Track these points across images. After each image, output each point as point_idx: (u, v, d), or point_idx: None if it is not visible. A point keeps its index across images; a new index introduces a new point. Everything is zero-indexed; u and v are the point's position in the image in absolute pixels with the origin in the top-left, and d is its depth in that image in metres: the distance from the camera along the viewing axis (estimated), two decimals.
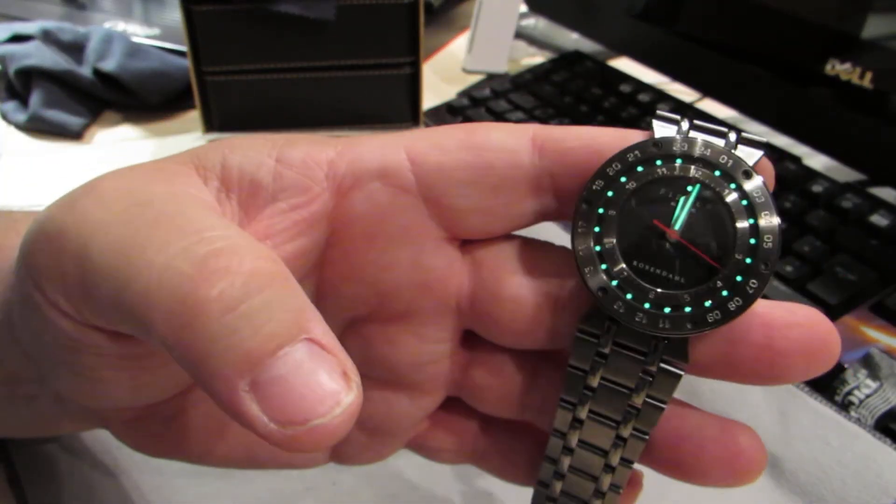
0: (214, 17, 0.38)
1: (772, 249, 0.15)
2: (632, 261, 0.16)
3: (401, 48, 0.40)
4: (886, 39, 0.41)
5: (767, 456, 0.17)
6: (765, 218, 0.15)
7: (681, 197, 0.16)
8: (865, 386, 0.31)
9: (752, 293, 0.15)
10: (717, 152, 0.16)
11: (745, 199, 0.15)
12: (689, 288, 0.15)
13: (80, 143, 0.55)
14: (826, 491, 0.27)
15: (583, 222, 0.16)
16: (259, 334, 0.13)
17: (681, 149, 0.16)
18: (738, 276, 0.15)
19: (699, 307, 0.15)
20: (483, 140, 0.17)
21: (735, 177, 0.15)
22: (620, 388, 0.17)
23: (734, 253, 0.15)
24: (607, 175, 0.16)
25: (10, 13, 0.69)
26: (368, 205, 0.17)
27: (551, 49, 0.74)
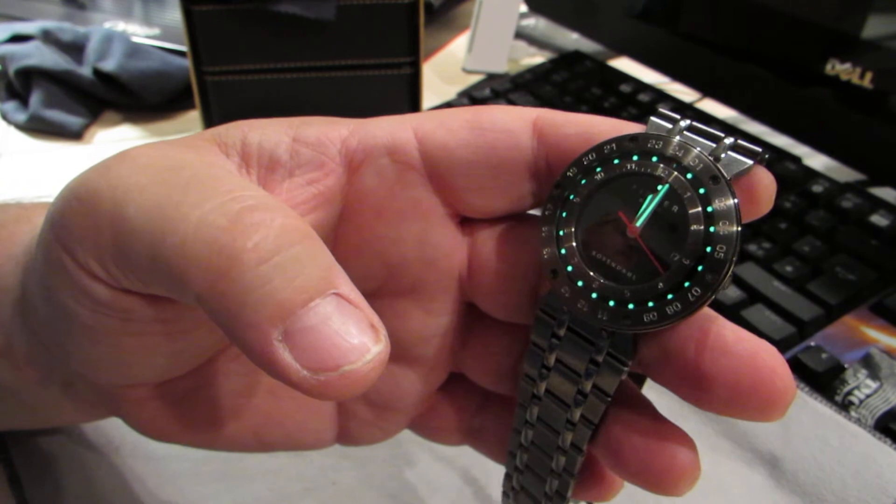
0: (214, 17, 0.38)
1: (723, 260, 0.15)
2: (590, 250, 0.16)
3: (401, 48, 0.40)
4: (886, 39, 0.41)
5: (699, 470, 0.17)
6: (723, 227, 0.15)
7: (648, 195, 0.16)
8: (865, 386, 0.31)
9: (692, 300, 0.15)
10: (691, 156, 0.15)
11: (707, 204, 0.15)
12: (635, 284, 0.15)
13: (80, 143, 0.55)
14: (826, 491, 0.27)
15: (551, 206, 0.17)
16: (291, 285, 0.13)
17: (656, 147, 0.16)
18: (684, 281, 0.15)
19: (640, 305, 0.15)
20: (487, 121, 0.17)
21: (703, 182, 0.15)
22: (571, 372, 0.17)
23: (684, 257, 0.15)
24: (582, 164, 0.16)
25: (10, 13, 0.69)
26: (378, 180, 0.18)
27: (551, 49, 0.74)
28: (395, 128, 0.18)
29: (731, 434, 0.29)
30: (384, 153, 0.18)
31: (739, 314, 0.35)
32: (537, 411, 0.18)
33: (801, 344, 0.34)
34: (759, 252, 0.39)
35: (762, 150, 0.16)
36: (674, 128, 0.16)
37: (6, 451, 0.26)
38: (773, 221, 0.41)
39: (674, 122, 0.16)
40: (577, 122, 0.17)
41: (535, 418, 0.18)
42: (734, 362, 0.15)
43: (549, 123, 0.17)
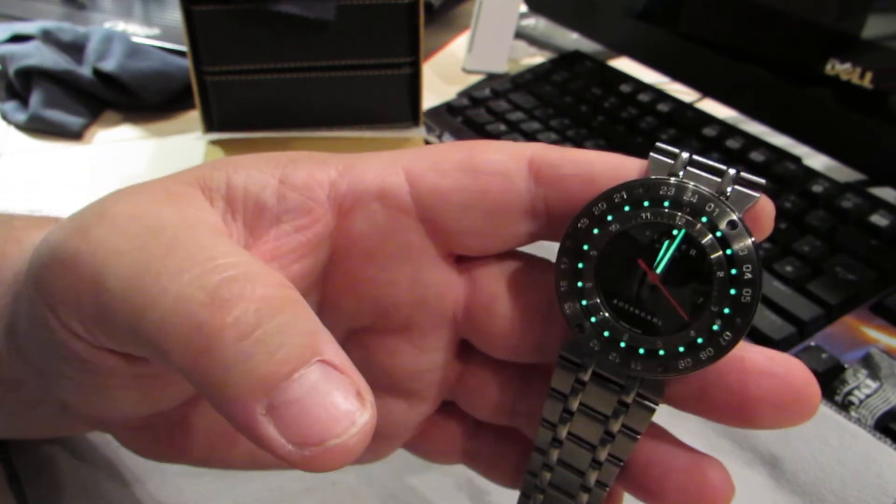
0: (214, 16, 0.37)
1: (750, 303, 0.15)
2: (612, 299, 0.16)
3: (401, 48, 0.40)
4: (886, 39, 0.41)
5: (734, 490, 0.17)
6: (745, 269, 0.15)
7: (665, 241, 0.16)
8: (865, 386, 0.31)
9: (724, 345, 0.15)
10: (703, 199, 0.15)
11: (727, 247, 0.15)
12: (665, 331, 0.16)
13: (80, 143, 0.55)
14: (826, 491, 0.27)
15: (566, 259, 0.17)
16: (273, 359, 0.13)
17: (668, 192, 0.16)
18: (713, 325, 0.15)
19: (672, 352, 0.15)
20: (480, 163, 0.17)
21: (720, 226, 0.15)
22: (597, 414, 0.17)
23: (711, 302, 0.15)
24: (593, 214, 0.16)
25: (10, 13, 0.69)
26: (368, 225, 0.17)
27: (551, 49, 0.74)
28: (385, 170, 0.17)
29: (732, 434, 0.29)
30: (374, 198, 0.17)
31: None
32: (557, 454, 0.18)
33: (801, 344, 0.34)
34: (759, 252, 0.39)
35: (765, 180, 0.16)
36: (676, 163, 0.16)
37: (6, 450, 0.26)
38: None
39: (675, 157, 0.16)
40: (575, 161, 0.17)
41: (554, 461, 0.18)
42: (776, 383, 0.15)
43: (545, 163, 0.17)
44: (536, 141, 0.52)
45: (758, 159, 0.46)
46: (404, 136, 0.42)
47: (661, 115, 0.52)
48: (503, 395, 0.20)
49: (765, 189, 0.16)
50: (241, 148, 0.41)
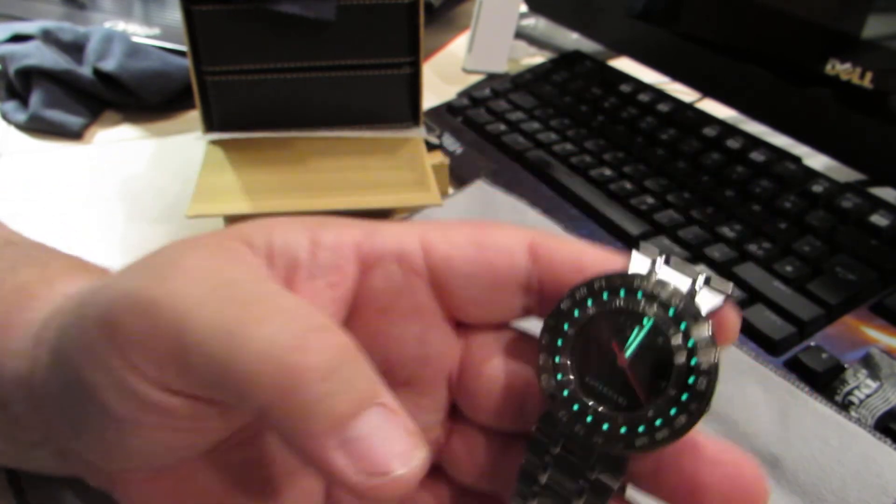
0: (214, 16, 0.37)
1: (705, 391, 0.16)
2: (584, 377, 0.18)
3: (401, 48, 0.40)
4: (887, 39, 0.41)
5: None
6: (704, 360, 0.17)
7: (635, 328, 0.17)
8: (866, 386, 0.31)
9: (679, 428, 0.16)
10: (673, 295, 0.17)
11: (688, 339, 0.17)
12: (628, 410, 0.17)
13: (80, 142, 0.55)
14: (826, 491, 0.27)
15: (547, 335, 0.18)
16: (348, 399, 0.15)
17: (642, 285, 0.18)
18: (671, 409, 0.17)
19: (632, 431, 0.17)
20: (488, 239, 0.19)
21: (685, 318, 0.17)
22: (563, 490, 0.19)
23: (670, 387, 0.17)
24: (575, 298, 0.18)
25: (10, 13, 0.69)
26: (385, 283, 0.19)
27: (551, 49, 0.74)
28: (403, 236, 0.19)
29: (732, 434, 0.29)
30: (394, 259, 0.19)
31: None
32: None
33: (802, 344, 0.34)
34: (759, 252, 0.39)
35: (731, 287, 0.17)
36: (654, 261, 0.18)
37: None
38: (773, 221, 0.41)
39: (654, 257, 0.18)
40: (569, 250, 0.19)
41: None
42: (727, 471, 0.17)
43: (543, 247, 0.19)
44: (537, 141, 0.52)
45: (758, 159, 0.46)
46: (404, 135, 0.42)
47: (661, 115, 0.52)
48: (486, 461, 0.21)
49: (731, 296, 0.17)
50: (241, 147, 0.41)
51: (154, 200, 0.48)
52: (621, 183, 0.46)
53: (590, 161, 0.49)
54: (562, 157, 0.50)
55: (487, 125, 0.54)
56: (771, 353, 0.34)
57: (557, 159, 0.50)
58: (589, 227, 0.43)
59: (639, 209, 0.44)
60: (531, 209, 0.41)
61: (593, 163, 0.49)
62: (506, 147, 0.52)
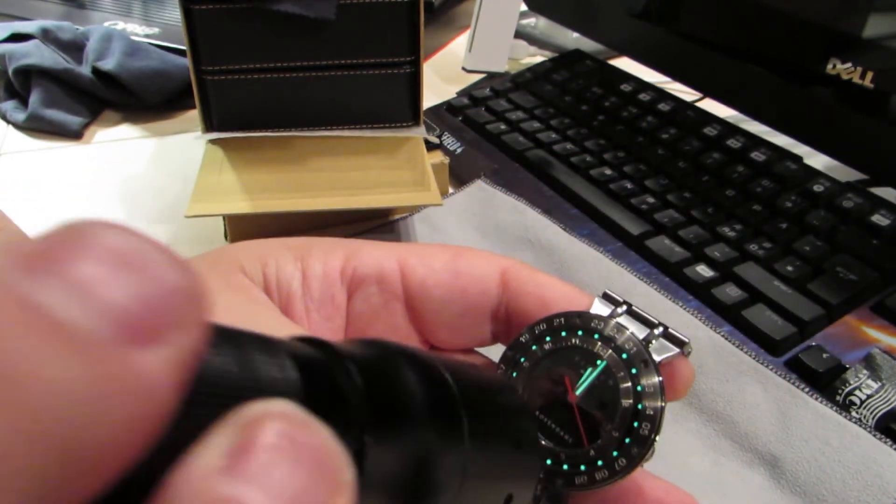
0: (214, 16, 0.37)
1: (647, 437, 0.17)
2: (534, 409, 0.18)
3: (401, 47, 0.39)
4: (887, 39, 0.41)
5: None
6: (650, 406, 0.17)
7: (588, 367, 0.18)
8: (867, 386, 0.31)
9: (619, 470, 0.17)
10: (628, 340, 0.18)
11: (637, 384, 0.17)
12: (571, 447, 0.17)
13: (79, 142, 0.55)
14: (826, 491, 0.27)
15: (503, 366, 0.19)
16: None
17: (598, 326, 0.18)
18: (613, 451, 0.17)
19: (573, 468, 0.17)
20: (463, 265, 0.20)
21: (635, 364, 0.17)
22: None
23: (613, 430, 0.17)
24: (534, 332, 0.19)
25: (9, 12, 0.69)
26: (365, 306, 0.20)
27: (551, 48, 0.74)
28: (384, 258, 0.20)
29: (732, 434, 0.29)
30: (374, 282, 0.20)
31: (740, 314, 0.35)
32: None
33: (802, 344, 0.34)
34: (759, 252, 0.39)
35: (687, 341, 0.18)
36: (616, 309, 0.19)
37: None
38: (773, 221, 0.41)
39: (616, 305, 0.19)
40: (536, 283, 0.19)
41: None
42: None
43: (514, 278, 0.20)
44: (537, 140, 0.52)
45: (758, 159, 0.46)
46: (404, 135, 0.42)
47: (661, 114, 0.52)
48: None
49: (686, 350, 0.18)
50: (240, 147, 0.41)
51: (153, 200, 0.48)
52: (622, 182, 0.46)
53: (590, 160, 0.49)
54: (562, 156, 0.49)
55: (487, 124, 0.54)
56: (771, 353, 0.34)
57: (558, 159, 0.49)
58: (589, 227, 0.43)
59: (639, 209, 0.44)
60: (531, 209, 0.41)
61: (594, 162, 0.49)
62: (506, 146, 0.52)
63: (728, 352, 0.32)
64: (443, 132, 0.54)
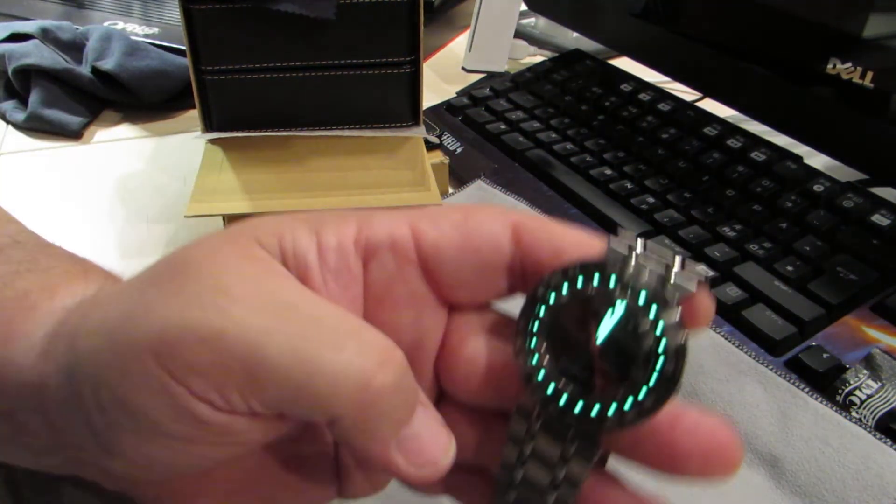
0: (213, 15, 0.37)
1: (673, 374, 0.17)
2: (558, 359, 0.19)
3: (401, 47, 0.39)
4: (888, 39, 0.41)
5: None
6: (673, 343, 0.17)
7: (608, 311, 0.18)
8: (867, 386, 0.31)
9: (647, 409, 0.17)
10: (645, 280, 0.18)
11: (657, 325, 0.17)
12: (601, 391, 0.18)
13: (79, 142, 0.55)
14: (826, 491, 0.27)
15: (523, 319, 0.19)
16: (407, 405, 0.18)
17: (616, 270, 0.18)
18: (640, 392, 0.17)
19: (605, 410, 0.18)
20: (473, 224, 0.20)
21: (656, 304, 0.17)
22: (545, 461, 0.19)
23: (639, 371, 0.17)
24: (550, 283, 0.19)
25: (8, 12, 0.69)
26: (381, 272, 0.20)
27: (551, 48, 0.74)
28: (395, 225, 0.20)
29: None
30: (387, 249, 0.20)
31: (740, 314, 0.35)
32: (515, 495, 0.20)
33: (802, 344, 0.34)
34: (759, 252, 0.39)
35: (706, 271, 0.18)
36: (631, 247, 0.18)
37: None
38: (773, 221, 0.41)
39: (632, 241, 0.19)
40: (549, 233, 0.20)
41: (511, 502, 0.20)
42: (704, 438, 0.18)
43: (525, 230, 0.20)
44: (537, 140, 0.52)
45: (758, 159, 0.46)
46: (404, 135, 0.42)
47: (661, 114, 0.52)
48: (470, 437, 0.22)
49: (705, 282, 0.18)
50: (240, 147, 0.41)
51: (153, 200, 0.48)
52: (622, 182, 0.46)
53: (590, 160, 0.49)
54: (562, 156, 0.49)
55: (487, 124, 0.54)
56: (771, 353, 0.34)
57: (557, 158, 0.49)
58: (589, 227, 0.43)
59: (639, 209, 0.44)
60: (531, 209, 0.41)
61: (594, 162, 0.49)
62: (506, 146, 0.52)
63: (728, 352, 0.32)
64: (443, 132, 0.54)
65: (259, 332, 0.17)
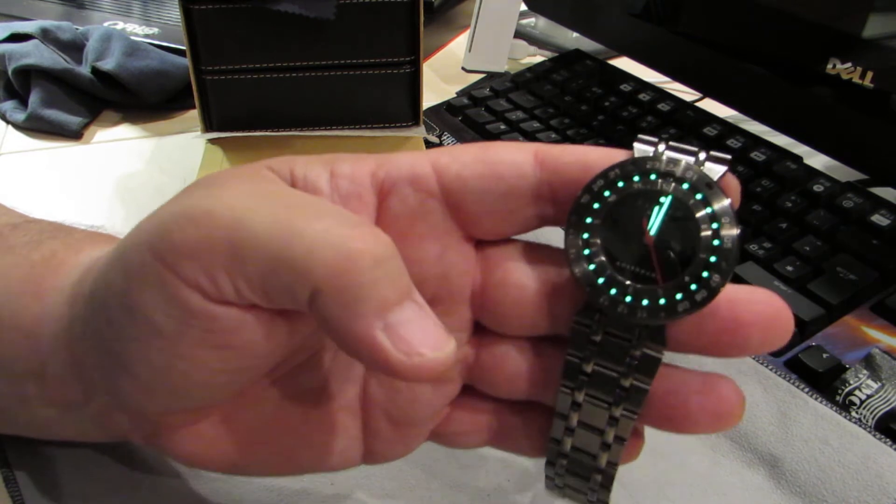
0: (213, 15, 0.37)
1: (731, 249, 0.17)
2: (615, 261, 0.19)
3: (401, 47, 0.39)
4: (887, 39, 0.41)
5: (745, 398, 0.19)
6: (725, 223, 0.18)
7: (655, 206, 0.18)
8: (867, 386, 0.31)
9: (715, 286, 0.17)
10: (684, 169, 0.18)
11: (708, 206, 0.18)
12: (663, 283, 0.18)
13: (79, 142, 0.55)
14: (826, 491, 0.27)
15: (573, 230, 0.19)
16: (392, 287, 0.17)
17: (654, 166, 0.19)
18: (703, 272, 0.18)
19: (672, 299, 0.18)
20: (494, 154, 0.20)
21: (700, 189, 0.18)
22: (611, 372, 0.19)
23: (699, 252, 0.18)
24: (592, 190, 0.19)
25: (8, 12, 0.69)
26: (402, 207, 0.20)
27: (551, 48, 0.74)
28: (415, 161, 0.20)
29: (732, 434, 0.29)
30: (407, 183, 0.20)
31: None
32: (577, 417, 0.20)
33: (802, 344, 0.34)
34: (759, 252, 0.39)
35: (730, 157, 0.19)
36: (657, 147, 0.19)
37: (3, 451, 0.26)
38: (773, 221, 0.41)
39: (655, 144, 0.19)
40: (573, 152, 0.20)
41: (575, 424, 0.20)
42: (762, 307, 0.18)
43: (548, 154, 0.20)
44: (537, 140, 0.52)
45: (758, 158, 0.46)
46: (404, 135, 0.42)
47: (661, 114, 0.52)
48: (520, 369, 0.21)
49: (730, 163, 0.19)
50: (240, 147, 0.41)
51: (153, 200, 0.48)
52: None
53: None
54: None
55: (487, 124, 0.54)
56: (771, 353, 0.34)
57: None
58: None
59: None
60: None
61: None
62: None
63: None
64: (443, 132, 0.54)
65: (244, 209, 0.17)
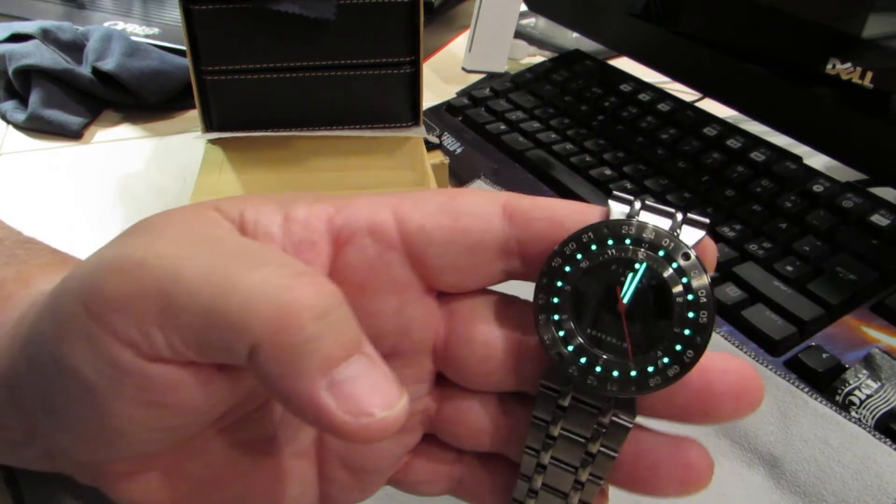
0: (214, 15, 0.37)
1: (706, 323, 0.17)
2: (586, 329, 0.18)
3: (401, 47, 0.39)
4: (887, 39, 0.41)
5: (714, 464, 0.19)
6: (701, 295, 0.17)
7: (629, 273, 0.18)
8: (866, 386, 0.31)
9: (688, 362, 0.17)
10: (660, 236, 0.18)
11: (683, 277, 0.17)
12: (634, 355, 0.18)
13: (79, 142, 0.55)
14: (826, 491, 0.27)
15: (543, 294, 0.18)
16: (338, 341, 0.15)
17: (629, 231, 0.18)
18: (677, 345, 0.17)
19: (643, 373, 0.17)
20: (460, 205, 0.19)
21: (675, 258, 0.17)
22: (578, 437, 0.19)
23: (673, 326, 0.17)
24: (564, 253, 0.18)
25: (9, 12, 0.69)
26: (360, 259, 0.19)
27: (551, 48, 0.74)
28: (376, 209, 0.19)
29: (731, 434, 0.29)
30: (367, 233, 0.19)
31: (740, 314, 0.35)
32: (541, 479, 0.20)
33: (802, 344, 0.34)
34: (759, 252, 0.39)
35: (707, 220, 0.18)
36: (632, 208, 0.18)
37: None
38: (773, 221, 0.41)
39: (631, 203, 0.18)
40: (543, 207, 0.19)
41: (539, 486, 0.20)
42: (734, 377, 0.18)
43: (517, 208, 0.19)
44: (537, 140, 0.52)
45: (758, 159, 0.46)
46: (404, 135, 0.42)
47: (661, 114, 0.52)
48: (483, 424, 0.21)
49: (708, 227, 0.18)
50: (240, 147, 0.41)
51: (153, 200, 0.48)
52: (622, 183, 0.46)
53: (590, 161, 0.49)
54: (562, 156, 0.49)
55: (487, 125, 0.54)
56: (771, 353, 0.34)
57: (558, 159, 0.49)
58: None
59: None
60: None
61: (593, 162, 0.49)
62: (506, 147, 0.52)
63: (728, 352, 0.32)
64: (443, 132, 0.54)
65: (177, 258, 0.16)
